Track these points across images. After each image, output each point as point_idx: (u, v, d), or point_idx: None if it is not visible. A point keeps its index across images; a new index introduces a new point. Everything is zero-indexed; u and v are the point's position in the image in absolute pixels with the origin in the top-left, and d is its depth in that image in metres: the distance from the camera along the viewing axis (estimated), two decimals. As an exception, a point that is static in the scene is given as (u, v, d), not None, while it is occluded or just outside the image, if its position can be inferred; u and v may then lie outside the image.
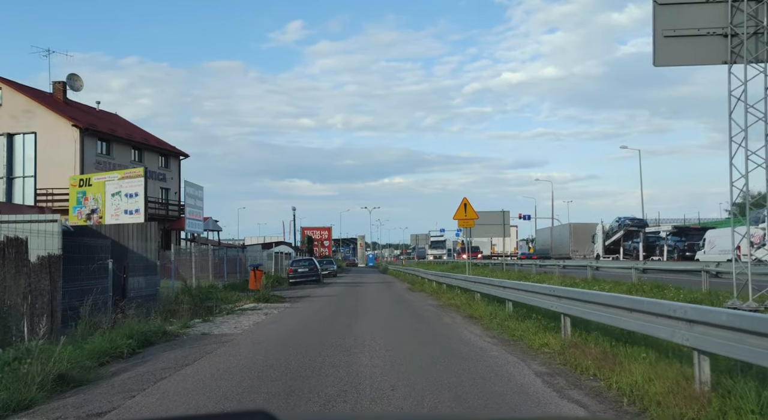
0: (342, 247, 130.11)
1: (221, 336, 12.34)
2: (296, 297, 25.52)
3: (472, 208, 25.88)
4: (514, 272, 33.55)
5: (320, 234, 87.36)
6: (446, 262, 60.15)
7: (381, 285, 36.80)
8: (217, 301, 21.43)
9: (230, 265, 39.37)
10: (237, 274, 36.20)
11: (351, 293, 28.17)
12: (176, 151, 55.94)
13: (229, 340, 11.71)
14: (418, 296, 25.34)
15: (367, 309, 18.99)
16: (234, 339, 11.89)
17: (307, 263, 38.30)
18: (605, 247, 57.24)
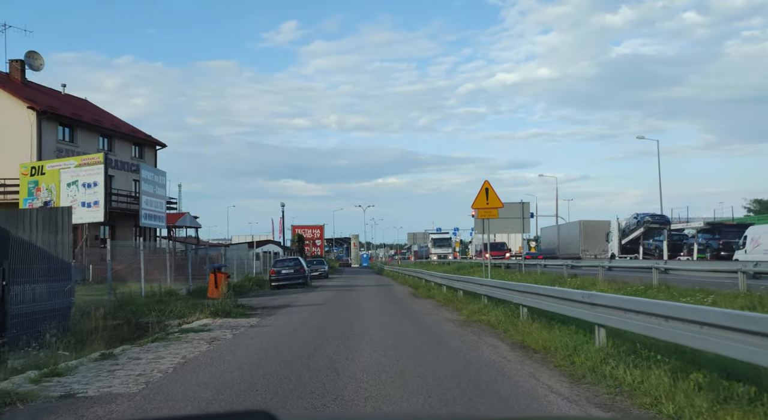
0: (335, 247, 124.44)
1: (91, 404, 6.52)
2: (272, 307, 19.75)
3: (496, 194, 20.16)
4: (544, 275, 27.83)
5: (312, 233, 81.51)
6: (449, 263, 54.22)
7: (378, 289, 31.07)
8: (160, 316, 15.65)
9: (199, 267, 33.61)
10: (208, 277, 30.31)
11: (342, 301, 22.39)
12: (152, 140, 50.05)
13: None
14: (427, 306, 19.59)
15: (363, 328, 13.23)
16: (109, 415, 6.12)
17: (293, 263, 32.56)
18: (621, 246, 51.64)
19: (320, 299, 23.31)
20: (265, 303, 21.41)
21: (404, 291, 28.76)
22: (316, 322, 14.57)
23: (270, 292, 29.66)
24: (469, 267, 40.49)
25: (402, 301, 22.05)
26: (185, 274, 30.51)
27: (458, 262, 50.14)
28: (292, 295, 26.48)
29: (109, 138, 45.18)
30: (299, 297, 24.76)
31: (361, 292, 28.41)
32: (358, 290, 29.61)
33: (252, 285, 31.62)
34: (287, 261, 33.29)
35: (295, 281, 31.97)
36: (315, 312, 17.72)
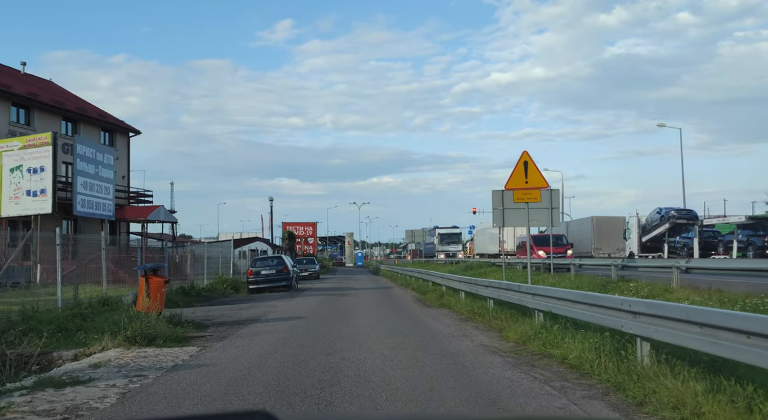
0: (329, 246, 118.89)
1: None
2: (232, 323, 14.11)
3: (538, 169, 14.65)
4: (580, 277, 22.30)
5: (304, 230, 75.83)
6: (456, 262, 48.32)
7: (376, 293, 25.54)
8: (54, 343, 10.07)
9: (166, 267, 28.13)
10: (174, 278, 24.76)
11: (331, 312, 16.77)
12: (124, 125, 44.35)
13: None
14: (446, 321, 14.03)
15: (359, 372, 7.69)
16: None
17: (275, 263, 26.97)
18: (641, 243, 46.22)
19: (303, 309, 17.74)
20: (226, 316, 15.81)
21: (408, 296, 23.21)
22: (284, 357, 9.00)
23: (245, 298, 24.08)
24: (478, 267, 34.98)
25: (410, 313, 16.48)
26: (120, 274, 25.02)
27: (465, 261, 44.33)
28: (270, 302, 20.91)
29: (73, 122, 39.48)
30: (277, 305, 19.20)
31: (355, 297, 22.84)
32: (351, 295, 24.03)
33: (226, 288, 26.05)
34: (268, 259, 27.71)
35: (277, 284, 26.40)
36: (289, 332, 12.10)
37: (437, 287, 22.87)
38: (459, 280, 18.10)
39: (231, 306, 19.45)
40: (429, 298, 20.91)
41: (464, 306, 15.99)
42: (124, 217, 39.38)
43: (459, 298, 17.91)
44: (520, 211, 23.78)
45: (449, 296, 19.14)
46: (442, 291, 21.04)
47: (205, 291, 23.50)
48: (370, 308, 17.77)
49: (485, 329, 11.98)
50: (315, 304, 19.50)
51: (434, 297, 20.34)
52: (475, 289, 16.24)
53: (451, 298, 18.47)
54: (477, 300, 16.14)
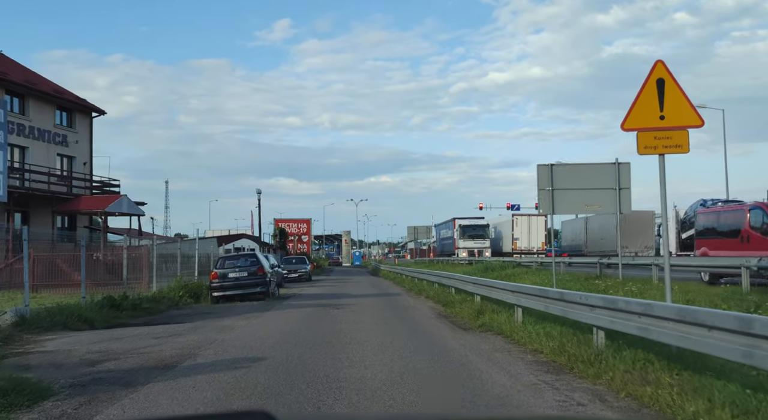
0: (326, 245, 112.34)
1: None
2: (107, 381, 7.43)
3: (683, 93, 7.94)
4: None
5: (298, 227, 69.10)
6: (472, 263, 40.32)
7: (380, 303, 18.91)
8: None
9: (112, 268, 21.91)
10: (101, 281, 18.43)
11: (311, 351, 9.69)
12: (85, 104, 37.59)
13: None
14: (527, 375, 7.41)
15: None
16: None
17: (247, 262, 20.28)
18: (680, 241, 39.65)
19: (270, 336, 11.04)
20: (128, 354, 9.10)
21: (424, 309, 16.59)
22: None
23: (203, 310, 17.43)
24: (500, 268, 28.36)
25: (443, 346, 9.75)
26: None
27: (482, 260, 37.33)
28: (230, 319, 14.25)
29: (21, 97, 32.81)
30: (235, 327, 12.56)
31: (352, 311, 16.17)
32: (348, 307, 17.37)
33: (182, 296, 19.39)
34: (239, 259, 20.99)
35: (248, 290, 19.75)
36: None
37: (466, 296, 16.28)
38: (514, 289, 11.39)
39: (165, 328, 12.79)
40: (458, 312, 14.32)
41: (531, 334, 9.41)
42: (78, 208, 32.69)
43: (513, 317, 11.32)
44: (576, 194, 17.25)
45: (493, 312, 12.54)
46: (476, 303, 14.46)
47: (147, 301, 16.86)
48: (377, 335, 11.11)
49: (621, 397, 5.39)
50: (292, 325, 12.85)
51: (467, 312, 13.72)
52: (547, 305, 9.59)
53: (498, 317, 11.86)
54: (548, 322, 9.62)
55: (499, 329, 11.05)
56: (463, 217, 55.78)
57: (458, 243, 53.16)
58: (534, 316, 11.10)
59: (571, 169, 17.41)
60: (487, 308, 13.19)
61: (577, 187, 17.20)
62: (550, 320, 10.30)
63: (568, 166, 17.46)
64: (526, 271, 25.15)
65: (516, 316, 11.22)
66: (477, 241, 52.11)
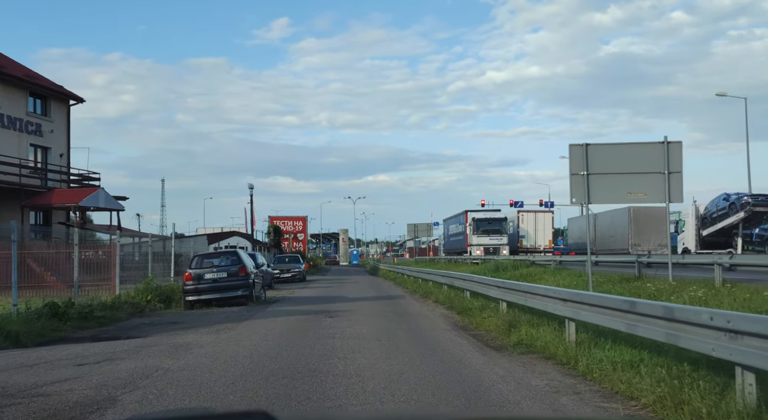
0: (323, 244, 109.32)
1: None
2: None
3: None
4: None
5: (293, 225, 66.05)
6: (478, 262, 36.09)
7: (381, 309, 15.90)
8: None
9: (63, 267, 19.19)
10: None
11: (285, 397, 6.92)
12: (62, 91, 34.55)
13: None
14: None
15: None
16: None
17: (228, 262, 17.23)
18: (701, 238, 36.86)
19: (222, 371, 7.87)
20: (30, 395, 6.15)
21: (435, 317, 13.61)
22: None
23: (171, 318, 14.45)
24: (512, 267, 25.34)
25: (473, 375, 6.84)
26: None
27: (493, 259, 33.89)
28: (197, 331, 11.25)
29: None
30: (201, 344, 9.58)
31: (349, 320, 13.19)
32: (343, 315, 14.38)
33: (149, 301, 16.38)
34: (218, 257, 17.90)
35: (228, 293, 16.77)
36: None
37: (486, 302, 13.33)
38: (569, 298, 8.35)
39: (105, 346, 9.81)
40: (480, 324, 11.38)
41: (603, 365, 6.48)
42: (50, 203, 29.67)
43: (561, 332, 8.38)
44: (617, 179, 14.30)
45: (530, 325, 9.58)
46: (502, 312, 11.52)
47: (102, 309, 13.86)
48: (382, 359, 8.12)
49: None
50: (271, 343, 9.86)
51: (493, 324, 10.76)
52: (632, 324, 6.63)
53: (538, 332, 8.91)
54: (614, 342, 6.69)
55: (545, 351, 8.11)
56: (476, 209, 48.79)
57: (471, 239, 45.95)
58: (590, 332, 8.18)
59: (610, 149, 14.46)
60: (521, 319, 10.23)
61: (617, 171, 14.25)
62: (617, 339, 7.38)
63: (606, 146, 14.50)
64: (544, 271, 22.20)
65: (567, 333, 8.27)
66: (493, 237, 45.03)
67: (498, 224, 46.00)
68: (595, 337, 8.00)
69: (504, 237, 45.48)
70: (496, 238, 45.06)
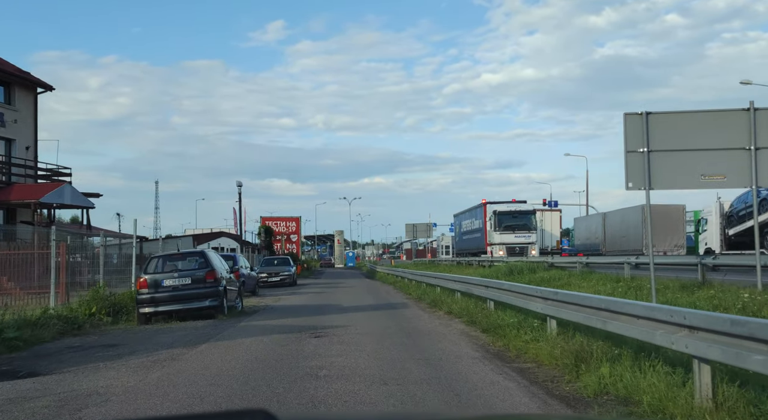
0: (318, 245, 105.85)
1: None
2: None
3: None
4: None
5: (286, 226, 62.58)
6: (488, 264, 30.70)
7: (381, 322, 12.49)
8: None
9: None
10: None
11: None
12: (28, 77, 31.07)
13: None
14: None
15: None
16: None
17: (194, 266, 13.77)
18: (726, 238, 33.56)
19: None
20: None
21: (460, 338, 10.19)
22: None
23: (106, 340, 11.04)
24: (528, 271, 21.94)
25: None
26: None
27: (505, 262, 29.88)
28: (112, 368, 7.76)
29: (-58, 65, 26.35)
30: (110, 390, 6.22)
31: (339, 346, 9.78)
32: (333, 336, 10.95)
33: (94, 314, 12.96)
34: (181, 260, 14.32)
35: (192, 304, 13.35)
36: None
37: (519, 316, 9.96)
38: (693, 322, 4.99)
39: None
40: (524, 351, 8.04)
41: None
42: (8, 199, 26.20)
43: (679, 378, 5.03)
44: (687, 158, 10.94)
45: (611, 360, 6.22)
46: (552, 333, 8.19)
47: (18, 327, 10.40)
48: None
49: None
50: (221, 392, 6.45)
51: (545, 353, 7.41)
52: None
53: (635, 376, 5.56)
54: None
55: (658, 412, 4.75)
56: (497, 201, 40.48)
57: (492, 237, 38.08)
58: (738, 381, 4.83)
59: (679, 120, 11.08)
60: (593, 349, 6.85)
61: (687, 147, 10.92)
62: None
63: (673, 115, 11.13)
64: (569, 275, 18.84)
65: (697, 379, 4.90)
66: (519, 234, 37.46)
67: (525, 218, 38.55)
68: (752, 391, 4.67)
69: (532, 234, 38.17)
70: (523, 236, 37.71)
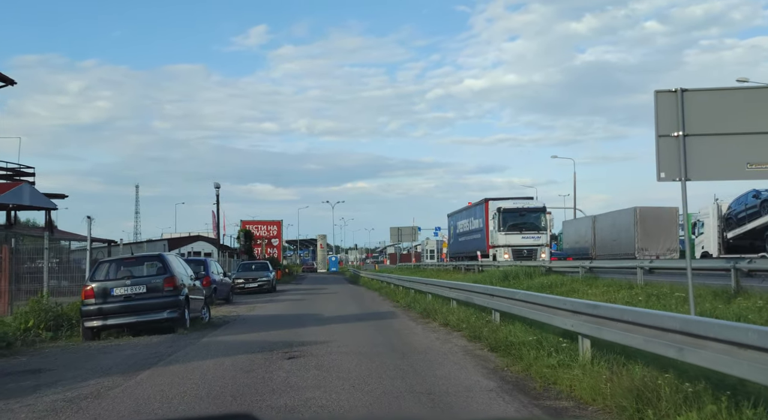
0: (301, 250, 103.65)
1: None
2: None
3: None
4: None
5: (267, 230, 60.35)
6: (505, 268, 23.69)
7: (368, 337, 10.60)
8: None
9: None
10: None
11: None
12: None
13: None
14: None
15: None
16: None
17: (153, 271, 11.75)
18: (725, 241, 32.20)
19: None
20: None
21: (464, 358, 8.30)
22: None
23: (33, 363, 9.01)
24: (525, 275, 20.17)
25: None
26: None
27: (492, 265, 27.19)
28: (4, 414, 5.88)
29: None
30: None
31: (316, 371, 7.83)
32: (310, 356, 9.01)
33: (31, 328, 10.93)
34: (135, 264, 12.34)
35: (147, 316, 11.35)
36: None
37: (540, 333, 8.12)
38: None
39: None
40: (551, 379, 6.18)
41: None
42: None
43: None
44: (730, 142, 9.23)
45: (684, 402, 4.40)
46: (586, 354, 6.34)
47: None
48: None
49: None
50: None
51: (586, 386, 5.55)
52: None
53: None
54: None
55: None
56: (500, 197, 35.98)
57: (495, 238, 32.87)
58: None
59: (720, 98, 9.28)
60: (657, 386, 5.00)
61: (730, 130, 9.20)
62: None
63: (712, 92, 9.37)
64: (573, 281, 17.05)
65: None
66: (527, 235, 32.47)
67: (534, 217, 33.48)
68: None
69: (542, 235, 33.15)
70: (532, 237, 32.61)
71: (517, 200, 35.46)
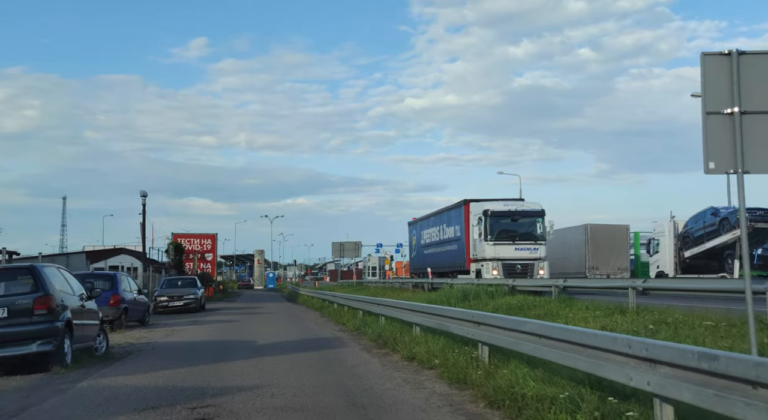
0: (237, 266, 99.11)
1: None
2: None
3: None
4: None
5: (201, 244, 56.36)
6: (490, 289, 18.62)
7: (311, 378, 7.79)
8: None
9: None
10: None
11: None
12: None
13: None
14: None
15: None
16: None
17: (16, 289, 8.80)
18: (681, 260, 30.76)
19: None
20: None
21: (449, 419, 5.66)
22: None
23: None
24: (486, 295, 17.68)
25: None
26: None
27: (489, 282, 21.02)
28: None
29: None
30: None
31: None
32: (227, 414, 6.12)
33: None
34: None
35: (8, 351, 8.22)
36: None
37: (546, 375, 5.51)
38: None
39: None
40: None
41: None
42: None
43: None
44: None
45: None
46: None
47: None
48: None
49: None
50: None
51: None
52: None
53: None
54: None
55: None
56: (484, 198, 28.42)
57: (480, 249, 26.02)
58: None
59: None
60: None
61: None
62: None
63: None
64: (547, 302, 14.63)
65: None
66: (522, 246, 25.76)
67: (530, 223, 26.54)
68: None
69: (540, 246, 26.35)
70: (528, 248, 25.93)
71: (507, 201, 28.21)
